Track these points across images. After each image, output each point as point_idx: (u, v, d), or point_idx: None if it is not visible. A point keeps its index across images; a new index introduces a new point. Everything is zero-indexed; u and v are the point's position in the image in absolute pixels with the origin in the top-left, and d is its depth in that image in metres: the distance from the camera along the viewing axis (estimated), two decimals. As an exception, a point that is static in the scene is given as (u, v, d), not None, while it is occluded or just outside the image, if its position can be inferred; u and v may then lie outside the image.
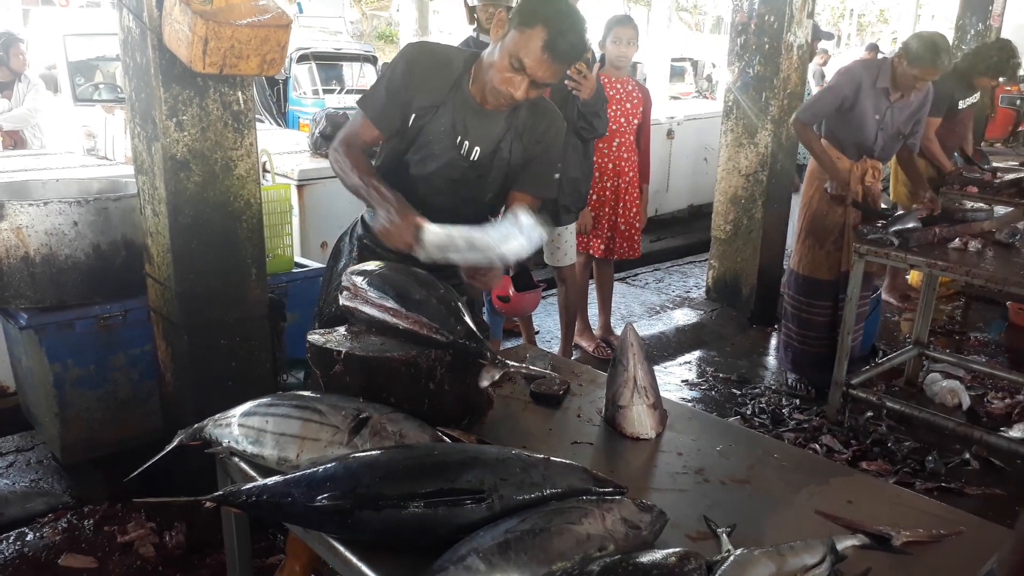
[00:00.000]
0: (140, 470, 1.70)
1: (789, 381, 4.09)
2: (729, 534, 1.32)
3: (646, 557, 1.12)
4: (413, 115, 1.98)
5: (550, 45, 1.78)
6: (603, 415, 1.77)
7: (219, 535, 1.79)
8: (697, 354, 4.57)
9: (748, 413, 3.81)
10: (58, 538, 2.60)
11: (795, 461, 1.64)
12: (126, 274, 2.84)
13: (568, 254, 3.87)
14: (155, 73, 2.34)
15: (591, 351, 4.32)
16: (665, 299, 5.46)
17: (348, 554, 1.26)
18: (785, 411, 3.81)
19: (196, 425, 1.58)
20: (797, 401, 3.93)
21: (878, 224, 3.53)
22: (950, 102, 4.75)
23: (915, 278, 5.35)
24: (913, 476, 3.21)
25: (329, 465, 1.29)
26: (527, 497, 1.23)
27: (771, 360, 4.49)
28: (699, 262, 6.15)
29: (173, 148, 2.41)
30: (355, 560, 1.24)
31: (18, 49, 5.80)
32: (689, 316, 5.05)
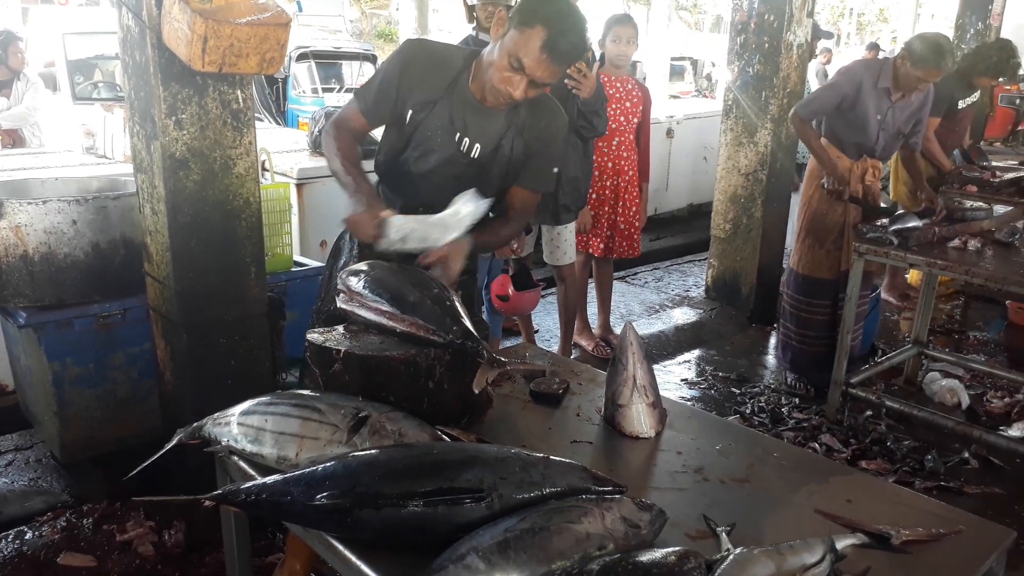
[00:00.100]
0: (139, 469, 1.70)
1: (788, 380, 4.09)
2: (729, 533, 1.32)
3: (646, 556, 1.12)
4: (410, 111, 1.98)
5: (549, 45, 1.77)
6: (602, 414, 1.77)
7: (218, 534, 1.79)
8: (696, 353, 4.57)
9: (747, 412, 3.81)
10: (57, 537, 2.60)
11: (794, 460, 1.64)
12: (125, 273, 2.83)
13: (567, 253, 3.87)
14: (154, 71, 2.34)
15: (590, 350, 4.32)
16: (664, 298, 5.46)
17: (347, 553, 1.26)
18: (784, 410, 3.81)
19: (195, 424, 1.58)
20: (796, 400, 3.93)
21: (878, 223, 3.53)
22: (950, 102, 4.74)
23: (914, 277, 5.35)
24: (912, 475, 3.21)
25: (328, 464, 1.29)
26: (527, 496, 1.23)
27: (770, 359, 4.49)
28: (698, 261, 6.15)
29: (172, 147, 2.41)
30: (354, 559, 1.24)
31: (17, 47, 5.78)
32: (688, 315, 5.05)
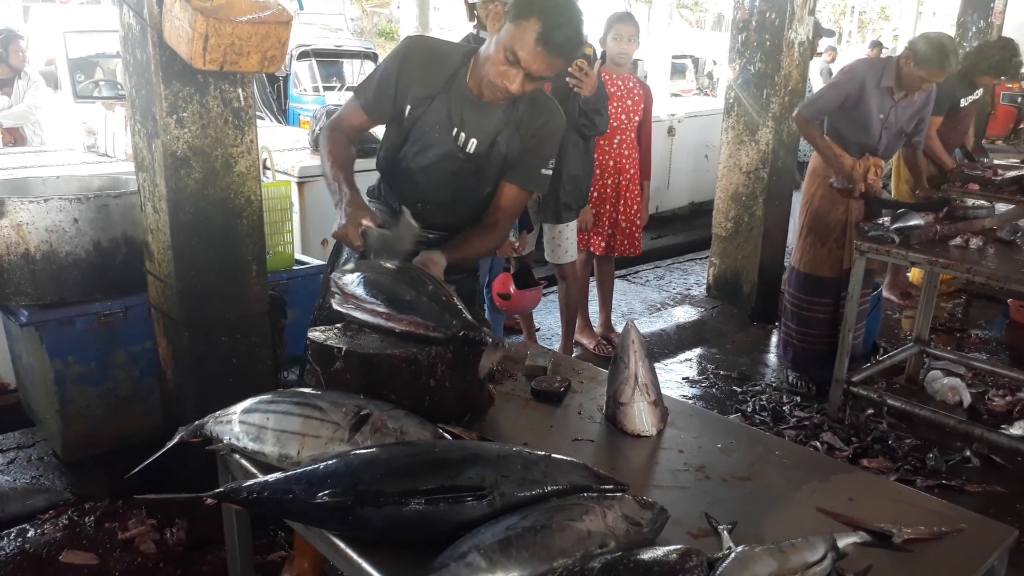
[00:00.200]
0: (141, 467, 1.70)
1: (790, 378, 4.09)
2: (730, 531, 1.32)
3: (647, 554, 1.12)
4: (408, 107, 1.99)
5: (544, 38, 1.77)
6: (604, 412, 1.77)
7: (220, 532, 1.79)
8: (698, 351, 4.57)
9: (749, 410, 3.81)
10: (59, 535, 2.60)
11: (796, 458, 1.64)
12: (127, 271, 2.84)
13: (569, 251, 3.87)
14: (155, 70, 2.34)
15: (592, 348, 4.32)
16: (666, 296, 5.46)
17: (349, 551, 1.26)
18: (786, 408, 3.80)
19: (197, 422, 1.58)
20: (798, 398, 3.93)
21: (879, 222, 3.52)
22: (952, 100, 4.73)
23: (916, 275, 5.35)
24: (914, 473, 3.21)
25: (330, 462, 1.29)
26: (528, 494, 1.23)
27: (772, 357, 4.48)
28: (700, 259, 6.15)
29: (173, 145, 2.41)
30: (356, 557, 1.24)
31: (18, 46, 5.78)
32: (690, 313, 5.05)
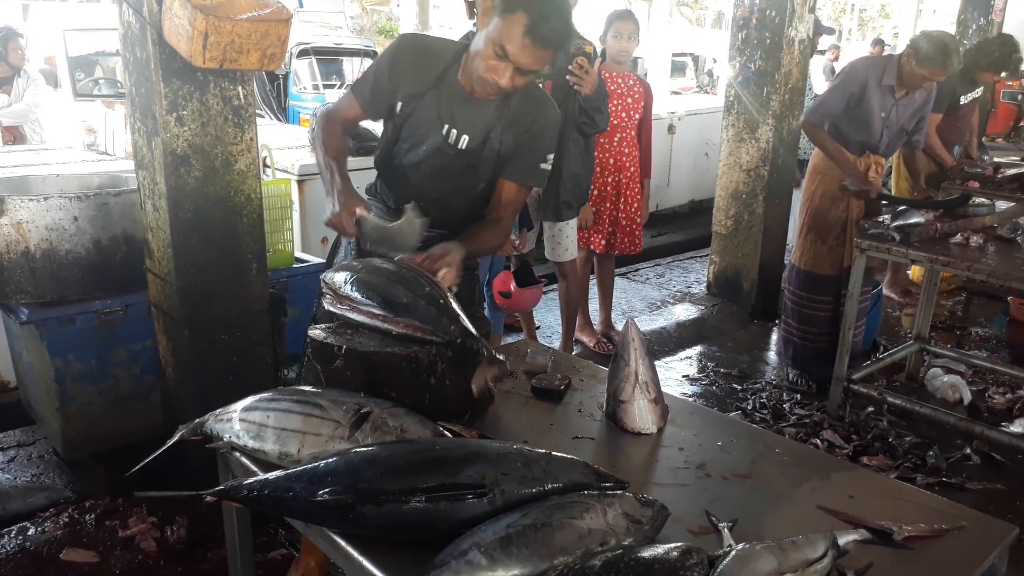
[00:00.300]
0: (141, 465, 1.70)
1: (790, 376, 4.09)
2: (731, 529, 1.32)
3: (647, 552, 1.12)
4: (399, 104, 2.00)
5: (532, 30, 1.77)
6: (604, 410, 1.77)
7: (220, 530, 1.80)
8: (698, 349, 4.57)
9: (749, 408, 3.81)
10: (59, 533, 2.61)
11: (796, 456, 1.64)
12: (127, 269, 2.84)
13: (569, 249, 3.87)
14: (155, 68, 2.34)
15: (592, 346, 4.32)
16: (666, 294, 5.46)
17: (350, 549, 1.26)
18: (786, 406, 3.80)
19: (197, 420, 1.58)
20: (798, 396, 3.93)
21: (879, 219, 3.52)
22: (951, 98, 4.73)
23: (916, 273, 5.35)
24: (914, 471, 3.21)
25: (330, 460, 1.29)
26: (529, 492, 1.23)
27: (772, 355, 4.48)
28: (700, 257, 6.16)
29: (173, 143, 2.41)
30: (356, 555, 1.24)
31: (17, 44, 5.78)
32: (690, 311, 5.05)
